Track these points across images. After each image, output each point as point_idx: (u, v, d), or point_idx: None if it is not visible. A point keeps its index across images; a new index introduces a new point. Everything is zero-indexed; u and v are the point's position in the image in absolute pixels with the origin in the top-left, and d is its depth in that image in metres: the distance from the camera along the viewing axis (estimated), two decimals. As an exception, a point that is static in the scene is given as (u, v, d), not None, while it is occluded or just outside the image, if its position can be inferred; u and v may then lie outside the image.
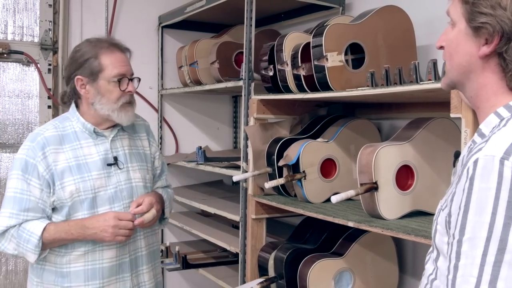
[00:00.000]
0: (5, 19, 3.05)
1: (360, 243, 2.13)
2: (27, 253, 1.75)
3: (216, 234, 2.90)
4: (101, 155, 1.85)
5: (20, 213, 1.75)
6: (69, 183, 1.78)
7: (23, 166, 1.76)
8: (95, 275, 1.82)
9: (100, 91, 1.81)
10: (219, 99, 3.66)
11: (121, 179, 1.87)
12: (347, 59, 2.01)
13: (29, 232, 1.73)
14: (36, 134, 1.81)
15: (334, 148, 2.18)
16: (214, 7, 2.76)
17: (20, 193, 1.76)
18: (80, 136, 1.84)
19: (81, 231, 1.76)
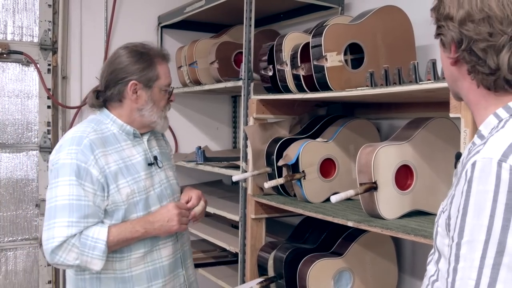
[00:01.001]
0: (5, 19, 3.05)
1: (359, 242, 2.13)
2: (93, 260, 1.67)
3: (215, 234, 2.91)
4: (141, 156, 1.84)
5: (81, 221, 1.66)
6: (124, 185, 1.75)
7: (75, 171, 1.67)
8: (157, 275, 1.81)
9: (153, 99, 1.82)
10: (219, 99, 3.67)
11: (162, 177, 1.88)
12: (347, 59, 2.01)
13: (93, 239, 1.66)
14: (80, 137, 1.73)
15: (333, 148, 2.18)
16: (213, 7, 2.76)
17: (77, 199, 1.67)
18: (119, 138, 1.81)
19: (148, 226, 1.74)
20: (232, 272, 2.90)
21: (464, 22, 0.99)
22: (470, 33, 0.98)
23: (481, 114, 1.04)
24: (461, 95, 1.09)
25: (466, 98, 1.08)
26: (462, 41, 0.99)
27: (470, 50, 0.99)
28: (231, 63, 2.84)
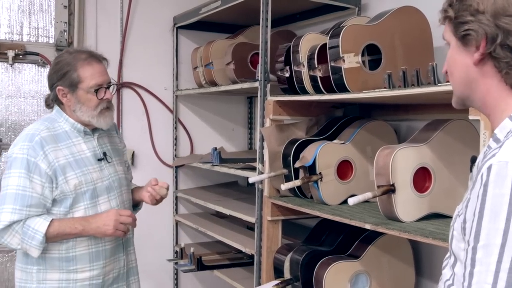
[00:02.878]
0: (21, 20, 3.07)
1: (376, 245, 2.11)
2: (31, 248, 1.85)
3: (231, 236, 2.90)
4: (91, 151, 2.01)
5: (23, 209, 1.84)
6: (72, 177, 1.91)
7: (25, 164, 1.86)
8: (99, 257, 1.99)
9: (80, 100, 1.95)
10: (234, 100, 3.66)
11: (111, 171, 2.05)
12: (364, 60, 2.00)
13: (33, 230, 1.84)
14: (32, 134, 1.91)
15: (350, 149, 2.16)
16: (229, 8, 2.76)
17: (23, 190, 1.85)
18: (70, 135, 1.98)
19: (86, 225, 1.90)
20: (248, 274, 2.89)
21: (499, 15, 0.97)
22: (508, 26, 0.96)
23: (497, 117, 1.04)
24: (474, 98, 1.07)
25: (481, 101, 1.06)
26: (497, 35, 0.97)
27: (505, 45, 0.97)
28: (247, 64, 2.83)
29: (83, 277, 1.96)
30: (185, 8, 3.29)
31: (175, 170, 3.50)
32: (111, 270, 2.04)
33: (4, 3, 3.02)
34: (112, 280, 2.06)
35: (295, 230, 2.75)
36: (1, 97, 3.05)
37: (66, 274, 1.95)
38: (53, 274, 1.95)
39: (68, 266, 1.95)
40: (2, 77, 3.04)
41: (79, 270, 1.96)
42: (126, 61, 3.31)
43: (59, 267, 1.94)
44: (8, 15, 3.04)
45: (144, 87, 3.38)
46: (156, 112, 3.43)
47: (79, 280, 1.96)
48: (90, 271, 1.97)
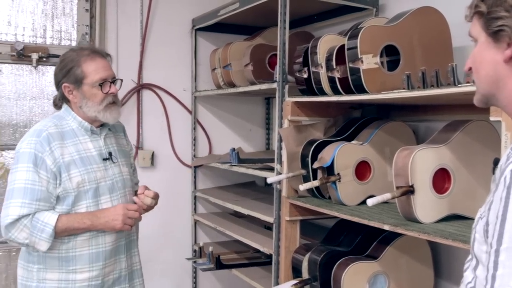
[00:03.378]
0: (44, 23, 3.13)
1: (394, 246, 2.11)
2: (40, 241, 1.86)
3: (249, 235, 2.92)
4: (97, 150, 2.02)
5: (33, 203, 1.85)
6: (75, 174, 1.93)
7: (32, 159, 1.87)
8: (98, 258, 1.99)
9: (85, 95, 1.97)
10: (252, 100, 3.68)
11: (115, 172, 2.06)
12: (382, 61, 2.00)
13: (43, 223, 1.85)
14: (40, 130, 1.93)
15: (369, 150, 2.17)
16: (247, 9, 2.78)
17: (32, 184, 1.86)
18: (77, 133, 2.00)
19: (94, 219, 1.93)
20: (265, 273, 2.91)
21: None
22: None
23: None
24: (500, 97, 1.05)
25: (507, 100, 1.04)
26: None
27: None
28: (265, 65, 2.85)
29: (82, 277, 1.96)
30: (203, 10, 3.32)
31: (193, 170, 3.53)
32: (111, 272, 2.04)
33: (28, 7, 3.08)
34: (112, 281, 2.05)
35: (312, 230, 2.76)
36: (25, 98, 3.11)
37: (65, 274, 1.95)
38: (53, 273, 1.95)
39: (68, 266, 1.95)
40: (26, 79, 3.10)
41: (78, 270, 1.96)
42: (146, 63, 3.36)
43: (59, 266, 1.95)
44: (32, 19, 3.10)
45: (163, 89, 3.41)
46: (175, 113, 3.46)
47: (78, 281, 1.96)
48: (89, 272, 1.97)
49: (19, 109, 3.10)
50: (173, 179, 3.47)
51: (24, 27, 3.08)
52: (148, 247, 3.35)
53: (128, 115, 3.30)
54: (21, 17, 3.07)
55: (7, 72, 3.07)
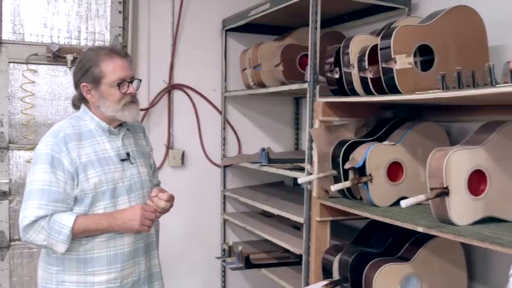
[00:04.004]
0: (79, 25, 3.19)
1: (427, 248, 2.09)
2: (57, 243, 1.85)
3: (278, 235, 2.92)
4: (114, 151, 2.01)
5: (50, 204, 1.84)
6: (93, 175, 1.92)
7: (49, 160, 1.87)
8: (116, 260, 1.97)
9: (103, 95, 1.96)
10: (281, 101, 3.69)
11: (133, 172, 2.05)
12: (416, 61, 1.98)
13: (60, 224, 1.84)
14: (57, 131, 1.94)
15: (401, 151, 2.15)
16: (278, 10, 2.78)
17: (49, 185, 1.86)
18: (95, 134, 1.99)
19: (112, 220, 1.91)
20: (295, 273, 2.91)
21: None
22: None
23: None
24: None
25: None
26: None
27: None
28: (296, 65, 2.85)
29: (100, 280, 1.94)
30: (234, 11, 3.34)
31: (223, 169, 3.55)
32: (129, 274, 2.01)
33: (64, 9, 3.14)
34: (131, 284, 2.03)
35: (342, 230, 2.74)
36: (60, 98, 3.17)
37: (83, 276, 1.94)
38: (71, 275, 1.94)
39: (86, 268, 1.94)
40: (61, 80, 3.16)
41: (96, 272, 1.94)
42: (176, 64, 3.39)
43: (77, 268, 1.94)
44: (67, 21, 3.16)
45: (193, 89, 3.44)
46: (205, 113, 3.49)
47: (97, 283, 1.94)
48: (108, 274, 1.95)
49: (54, 109, 3.17)
50: (202, 178, 3.50)
51: (60, 29, 3.14)
52: (177, 245, 3.40)
53: (159, 115, 3.35)
54: (57, 19, 3.13)
55: (43, 73, 3.13)
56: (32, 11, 3.08)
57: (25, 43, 3.08)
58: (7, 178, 3.07)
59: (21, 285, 3.16)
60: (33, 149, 3.06)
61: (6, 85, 3.04)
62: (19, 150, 3.10)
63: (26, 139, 3.11)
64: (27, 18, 3.07)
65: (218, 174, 3.55)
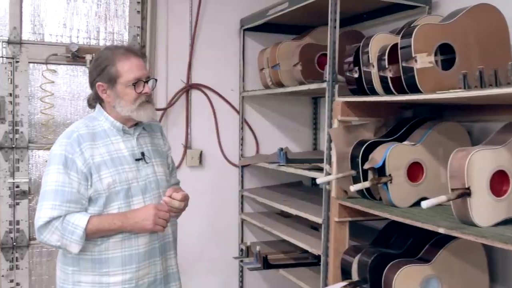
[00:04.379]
0: (97, 25, 3.22)
1: (448, 249, 2.06)
2: (71, 244, 1.86)
3: (296, 236, 2.91)
4: (129, 151, 2.01)
5: (63, 205, 1.85)
6: (106, 175, 1.91)
7: (63, 161, 1.88)
8: (131, 260, 1.96)
9: (119, 95, 1.95)
10: (299, 100, 3.67)
11: (148, 172, 2.03)
12: (437, 60, 1.95)
13: (73, 225, 1.85)
14: (71, 131, 1.94)
15: (421, 151, 2.12)
16: (296, 9, 2.77)
17: (62, 185, 1.87)
18: (109, 133, 1.99)
19: (125, 220, 1.90)
20: (313, 274, 2.89)
21: None
22: None
23: None
24: None
25: None
26: None
27: None
28: (315, 65, 2.83)
29: (116, 280, 1.94)
30: (252, 10, 3.33)
31: (241, 169, 3.55)
32: (145, 275, 2.00)
33: (83, 10, 3.18)
34: (147, 285, 2.02)
35: (360, 231, 2.72)
36: (79, 98, 3.20)
37: (99, 277, 1.94)
38: (86, 276, 1.94)
39: (101, 269, 1.94)
40: (80, 80, 3.19)
41: (111, 273, 1.94)
42: (194, 63, 3.40)
43: (92, 269, 1.94)
44: (86, 21, 3.19)
45: (211, 89, 3.45)
46: (223, 113, 3.49)
47: (112, 284, 1.94)
48: (123, 275, 1.94)
49: (73, 108, 3.19)
50: (220, 178, 3.50)
51: (79, 29, 3.17)
52: (195, 245, 3.41)
53: (177, 115, 3.35)
54: (76, 20, 3.16)
55: (62, 73, 3.16)
56: (52, 12, 3.11)
57: (45, 43, 3.11)
58: (27, 178, 3.11)
59: (40, 284, 3.19)
60: (53, 149, 3.14)
61: (26, 85, 3.07)
62: (38, 149, 3.14)
63: (45, 138, 3.14)
64: (46, 19, 3.10)
65: (236, 174, 3.55)
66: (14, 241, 3.10)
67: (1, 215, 3.08)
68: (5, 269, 3.11)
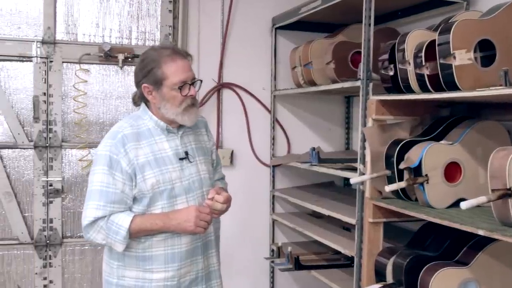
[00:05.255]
0: (130, 25, 3.24)
1: (487, 252, 2.00)
2: (115, 243, 1.90)
3: (328, 236, 2.88)
4: (173, 150, 2.00)
5: (107, 205, 1.89)
6: (150, 176, 1.92)
7: (107, 161, 1.90)
8: (174, 258, 1.98)
9: (165, 97, 1.95)
10: (332, 99, 3.63)
11: (192, 171, 2.03)
12: (476, 57, 1.89)
13: (117, 225, 1.88)
14: (116, 132, 1.95)
15: (459, 151, 2.07)
16: (329, 6, 2.74)
17: (106, 186, 1.89)
18: (153, 133, 1.99)
19: (167, 221, 1.92)
20: (345, 275, 2.86)
21: None
22: None
23: None
24: None
25: None
26: None
27: None
28: (348, 63, 2.78)
29: (158, 277, 1.97)
30: (283, 9, 3.31)
31: (272, 169, 3.53)
32: (187, 273, 2.02)
33: (115, 9, 3.21)
34: (188, 282, 2.03)
35: (393, 233, 2.66)
36: (112, 97, 3.23)
37: (142, 273, 1.97)
38: (131, 271, 1.98)
39: (144, 266, 1.97)
40: (112, 79, 3.22)
41: (154, 270, 1.97)
42: (226, 62, 3.40)
43: (136, 265, 1.97)
44: (118, 21, 3.22)
45: (243, 88, 3.44)
46: (254, 112, 3.48)
47: (154, 280, 1.97)
48: (165, 272, 1.97)
49: (106, 108, 3.22)
50: (251, 178, 3.49)
51: (111, 28, 3.20)
52: (226, 245, 3.37)
53: (208, 114, 3.35)
54: (108, 19, 3.19)
55: (95, 73, 3.19)
56: (85, 12, 3.15)
57: (78, 43, 3.15)
58: (60, 176, 3.15)
59: (72, 282, 3.23)
60: (85, 148, 3.17)
61: (60, 84, 3.12)
62: (71, 148, 3.18)
63: (78, 137, 3.18)
64: (80, 19, 3.15)
65: (267, 174, 3.53)
66: (48, 239, 3.15)
67: (35, 213, 3.13)
68: (38, 267, 3.15)
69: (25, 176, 3.12)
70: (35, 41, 3.05)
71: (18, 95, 3.08)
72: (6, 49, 3.03)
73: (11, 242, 3.11)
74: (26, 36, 3.07)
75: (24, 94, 3.08)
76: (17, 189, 3.11)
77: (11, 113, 3.07)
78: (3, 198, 3.07)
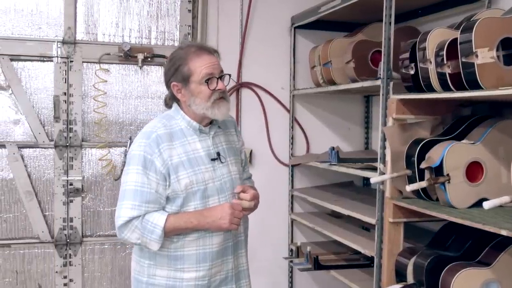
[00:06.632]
0: (149, 25, 3.27)
1: (510, 252, 1.97)
2: (151, 242, 1.91)
3: (348, 236, 2.86)
4: (205, 151, 2.01)
5: (142, 205, 1.89)
6: (183, 176, 1.93)
7: (142, 161, 1.90)
8: (205, 258, 1.99)
9: (193, 93, 1.95)
10: (351, 99, 3.61)
11: (224, 172, 2.03)
12: (499, 55, 1.87)
13: (152, 224, 1.89)
14: (150, 132, 1.95)
15: (481, 150, 2.04)
16: (349, 5, 2.72)
17: (141, 186, 1.90)
18: (186, 133, 1.99)
19: (201, 219, 1.92)
20: (365, 276, 2.84)
21: None
22: None
23: None
24: None
25: None
26: None
27: None
28: (368, 62, 2.77)
29: (189, 276, 1.97)
30: (302, 8, 3.30)
31: (291, 169, 3.52)
32: (218, 272, 2.03)
33: (135, 9, 3.23)
34: (219, 282, 2.04)
35: (414, 233, 2.64)
36: (131, 97, 3.26)
37: (173, 272, 1.98)
38: (162, 270, 1.99)
39: (176, 265, 1.97)
40: (132, 78, 3.25)
41: (185, 269, 1.97)
42: (245, 62, 3.40)
43: (168, 264, 1.98)
44: (138, 21, 3.25)
45: (262, 87, 3.44)
46: (273, 112, 3.48)
47: (185, 280, 1.97)
48: (196, 272, 1.98)
49: (125, 107, 3.25)
50: (270, 177, 3.49)
51: (131, 28, 3.23)
52: (246, 244, 3.39)
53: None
54: (128, 19, 3.22)
55: (115, 72, 3.22)
56: (105, 12, 3.18)
57: (98, 43, 3.18)
58: (80, 176, 3.18)
59: (92, 281, 3.26)
60: (105, 147, 3.20)
61: (80, 84, 3.15)
62: (91, 148, 3.21)
63: (98, 137, 3.21)
64: (100, 19, 3.18)
65: (286, 173, 3.53)
66: (68, 238, 3.18)
67: (55, 212, 3.17)
68: (59, 266, 3.19)
69: (45, 175, 3.16)
70: (56, 41, 3.09)
71: (39, 95, 3.12)
72: (27, 49, 3.07)
73: (31, 241, 3.16)
74: (46, 36, 3.11)
75: (44, 94, 3.12)
76: (38, 188, 3.15)
77: (32, 112, 3.11)
78: (24, 197, 3.11)
